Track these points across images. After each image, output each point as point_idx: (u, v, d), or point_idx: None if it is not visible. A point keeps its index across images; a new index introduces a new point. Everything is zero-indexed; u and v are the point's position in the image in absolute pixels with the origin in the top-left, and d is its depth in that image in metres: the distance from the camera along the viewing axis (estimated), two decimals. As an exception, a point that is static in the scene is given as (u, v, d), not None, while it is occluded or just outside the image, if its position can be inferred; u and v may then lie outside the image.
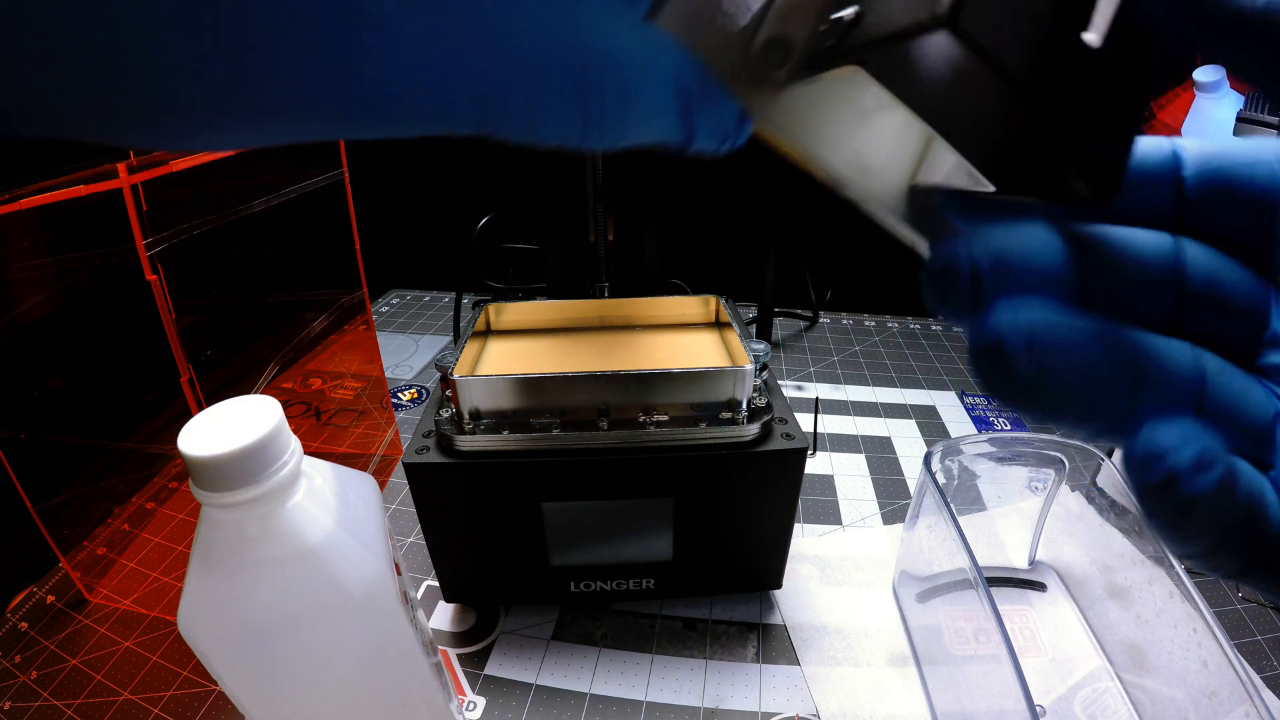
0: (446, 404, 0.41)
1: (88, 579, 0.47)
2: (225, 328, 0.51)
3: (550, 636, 0.45)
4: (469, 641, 0.45)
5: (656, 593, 0.46)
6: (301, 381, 0.66)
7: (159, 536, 0.52)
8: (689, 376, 0.40)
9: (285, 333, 0.52)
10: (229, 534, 0.23)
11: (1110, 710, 0.39)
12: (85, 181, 0.32)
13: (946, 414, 0.73)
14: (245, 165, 0.43)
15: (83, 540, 0.48)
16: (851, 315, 0.99)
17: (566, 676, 0.42)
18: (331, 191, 0.49)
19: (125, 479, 0.53)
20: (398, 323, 0.94)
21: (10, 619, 0.46)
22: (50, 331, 0.49)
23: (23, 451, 0.40)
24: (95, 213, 0.33)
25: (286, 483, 0.23)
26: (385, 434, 0.64)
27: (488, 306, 0.53)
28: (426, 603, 0.48)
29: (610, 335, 0.53)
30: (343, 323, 0.56)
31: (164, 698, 0.40)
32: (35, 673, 0.42)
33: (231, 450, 0.22)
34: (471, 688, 0.42)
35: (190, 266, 0.39)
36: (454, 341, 0.47)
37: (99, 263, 0.39)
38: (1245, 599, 0.49)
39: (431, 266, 1.05)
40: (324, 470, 0.27)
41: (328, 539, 0.24)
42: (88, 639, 0.44)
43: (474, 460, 0.39)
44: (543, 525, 0.42)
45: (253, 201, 0.44)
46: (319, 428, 0.62)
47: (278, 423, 0.23)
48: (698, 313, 0.55)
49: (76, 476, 0.48)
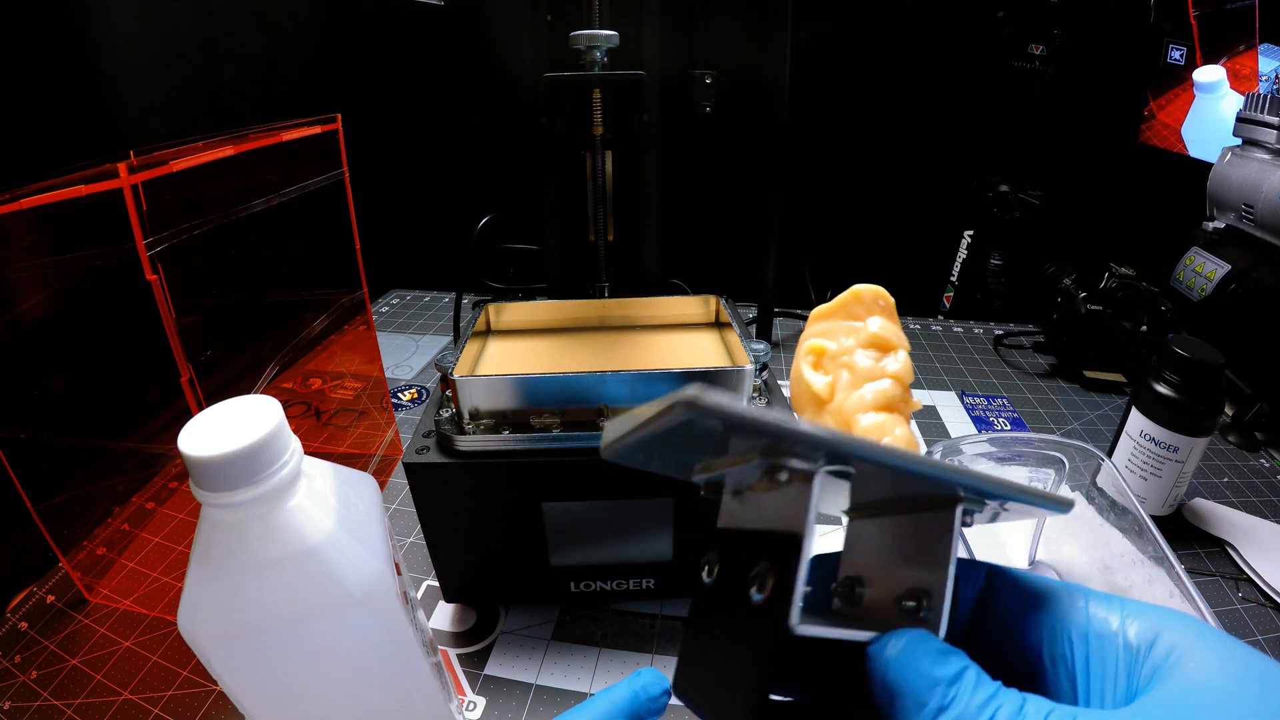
0: (446, 404, 0.41)
1: (88, 579, 0.47)
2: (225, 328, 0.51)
3: (550, 636, 0.45)
4: (469, 641, 0.45)
5: (656, 593, 0.46)
6: (301, 381, 0.66)
7: (159, 536, 0.52)
8: (689, 377, 0.40)
9: (285, 333, 0.52)
10: (229, 534, 0.23)
11: (1110, 710, 0.39)
12: (85, 181, 0.32)
13: (946, 414, 0.73)
14: (245, 165, 0.43)
15: (83, 540, 0.48)
16: (851, 315, 0.99)
17: (566, 676, 0.42)
18: (331, 191, 0.49)
19: (125, 479, 0.53)
20: (398, 323, 0.94)
21: (10, 619, 0.46)
22: (50, 331, 0.49)
23: (23, 451, 0.40)
24: (95, 213, 0.33)
25: (286, 483, 0.23)
26: (385, 434, 0.64)
27: (488, 306, 0.53)
28: (426, 603, 0.48)
29: (610, 335, 0.53)
30: (343, 323, 0.56)
31: (164, 698, 0.40)
32: (35, 673, 0.42)
33: (231, 450, 0.22)
34: (471, 688, 0.42)
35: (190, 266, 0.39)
36: (454, 341, 0.47)
37: (99, 263, 0.39)
38: (1245, 599, 0.49)
39: (431, 266, 1.05)
40: (324, 470, 0.27)
41: (328, 539, 0.24)
42: (88, 639, 0.44)
43: (474, 460, 0.39)
44: (543, 525, 0.42)
45: (253, 201, 0.44)
46: (319, 428, 0.62)
47: (278, 423, 0.23)
48: (698, 313, 0.55)
49: (76, 476, 0.48)
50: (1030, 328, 0.92)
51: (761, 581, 0.17)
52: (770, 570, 0.17)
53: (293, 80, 0.91)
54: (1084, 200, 1.07)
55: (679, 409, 0.14)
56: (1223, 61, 0.89)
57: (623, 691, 0.23)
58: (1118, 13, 1.00)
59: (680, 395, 0.14)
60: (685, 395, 0.14)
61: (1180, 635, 0.16)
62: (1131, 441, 0.54)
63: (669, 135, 0.54)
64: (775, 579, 0.16)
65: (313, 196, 0.48)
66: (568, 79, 0.51)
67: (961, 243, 1.10)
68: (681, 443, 0.17)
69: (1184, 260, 0.80)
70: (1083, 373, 0.79)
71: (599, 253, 0.57)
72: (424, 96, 1.03)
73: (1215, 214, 0.81)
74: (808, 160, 1.07)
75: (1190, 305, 0.77)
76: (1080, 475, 0.46)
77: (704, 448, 0.18)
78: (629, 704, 0.22)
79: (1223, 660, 0.16)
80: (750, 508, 0.19)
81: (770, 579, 0.16)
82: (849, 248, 1.18)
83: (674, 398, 0.14)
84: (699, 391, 0.13)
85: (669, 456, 0.19)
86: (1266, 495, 0.60)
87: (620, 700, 0.22)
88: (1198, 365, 0.50)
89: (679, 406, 0.14)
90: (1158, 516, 0.54)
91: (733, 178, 1.02)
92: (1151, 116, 1.00)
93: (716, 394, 0.14)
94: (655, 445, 0.17)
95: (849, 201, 1.16)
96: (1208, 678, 0.15)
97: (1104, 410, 0.74)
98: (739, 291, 0.61)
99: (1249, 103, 0.77)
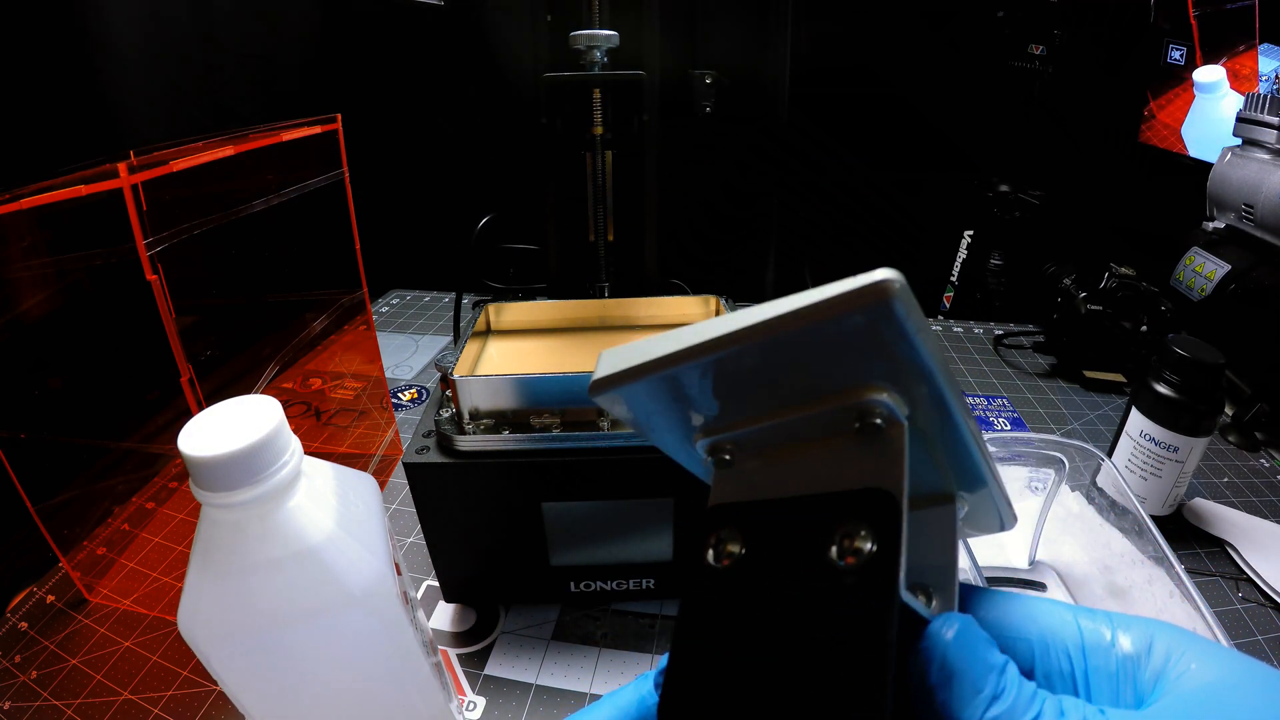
0: (446, 404, 0.41)
1: (88, 579, 0.47)
2: (225, 328, 0.51)
3: (550, 636, 0.45)
4: (469, 641, 0.45)
5: (656, 593, 0.46)
6: (301, 381, 0.66)
7: (159, 536, 0.52)
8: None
9: (285, 333, 0.52)
10: (229, 534, 0.23)
11: (1110, 710, 0.39)
12: (85, 181, 0.32)
13: (946, 414, 0.73)
14: (245, 165, 0.43)
15: (83, 540, 0.48)
16: (851, 315, 0.99)
17: (566, 676, 0.42)
18: (331, 191, 0.49)
19: (125, 479, 0.53)
20: (398, 323, 0.94)
21: (10, 619, 0.46)
22: (50, 331, 0.49)
23: (23, 451, 0.40)
24: (95, 213, 0.33)
25: (286, 483, 0.23)
26: (385, 434, 0.64)
27: (488, 306, 0.53)
28: (426, 603, 0.48)
29: (610, 335, 0.53)
30: (343, 323, 0.56)
31: (164, 698, 0.40)
32: (35, 673, 0.42)
33: (231, 450, 0.22)
34: (471, 688, 0.42)
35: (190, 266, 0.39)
36: (454, 341, 0.47)
37: (99, 263, 0.39)
38: (1245, 599, 0.49)
39: (431, 266, 1.05)
40: (324, 470, 0.27)
41: (328, 539, 0.24)
42: (88, 639, 0.44)
43: (474, 460, 0.39)
44: (543, 525, 0.42)
45: (253, 201, 0.44)
46: (319, 428, 0.62)
47: (278, 423, 0.23)
48: (698, 313, 0.55)
49: (76, 476, 0.48)
50: (1030, 328, 0.92)
51: (852, 543, 0.14)
52: (864, 530, 0.14)
53: (293, 80, 0.91)
54: (1084, 200, 1.07)
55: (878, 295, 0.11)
56: (1223, 61, 0.89)
57: (629, 696, 0.22)
58: (1118, 13, 1.00)
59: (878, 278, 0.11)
60: (885, 277, 0.11)
61: (1173, 641, 0.17)
62: (1131, 441, 0.54)
63: (669, 135, 0.54)
64: (877, 541, 0.14)
65: (313, 196, 0.48)
66: (568, 79, 0.51)
67: (961, 243, 1.10)
68: (753, 370, 0.15)
69: (1184, 260, 0.80)
70: (1083, 373, 0.79)
71: (599, 253, 0.57)
72: (424, 96, 1.03)
73: (1215, 214, 0.81)
74: (808, 160, 1.07)
75: (1190, 305, 0.77)
76: (1080, 475, 0.46)
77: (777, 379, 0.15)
78: (636, 709, 0.21)
79: (1222, 662, 0.16)
80: (788, 467, 0.16)
81: (869, 542, 0.14)
82: (849, 248, 1.18)
83: (864, 281, 0.11)
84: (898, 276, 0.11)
85: (678, 406, 0.17)
86: (1266, 495, 0.60)
87: (627, 705, 0.21)
88: (1198, 365, 0.50)
89: (878, 292, 0.11)
90: (1158, 516, 0.54)
91: (733, 178, 1.02)
92: (1151, 116, 1.00)
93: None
94: (697, 379, 0.15)
95: (849, 201, 1.16)
96: (1219, 676, 0.16)
97: (1104, 410, 0.74)
98: (739, 291, 0.61)
99: (1249, 103, 0.77)
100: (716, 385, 0.15)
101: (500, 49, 0.94)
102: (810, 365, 0.15)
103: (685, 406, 0.17)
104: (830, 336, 0.13)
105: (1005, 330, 0.93)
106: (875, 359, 0.14)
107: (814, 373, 0.15)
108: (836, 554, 0.14)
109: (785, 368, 0.15)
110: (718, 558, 0.16)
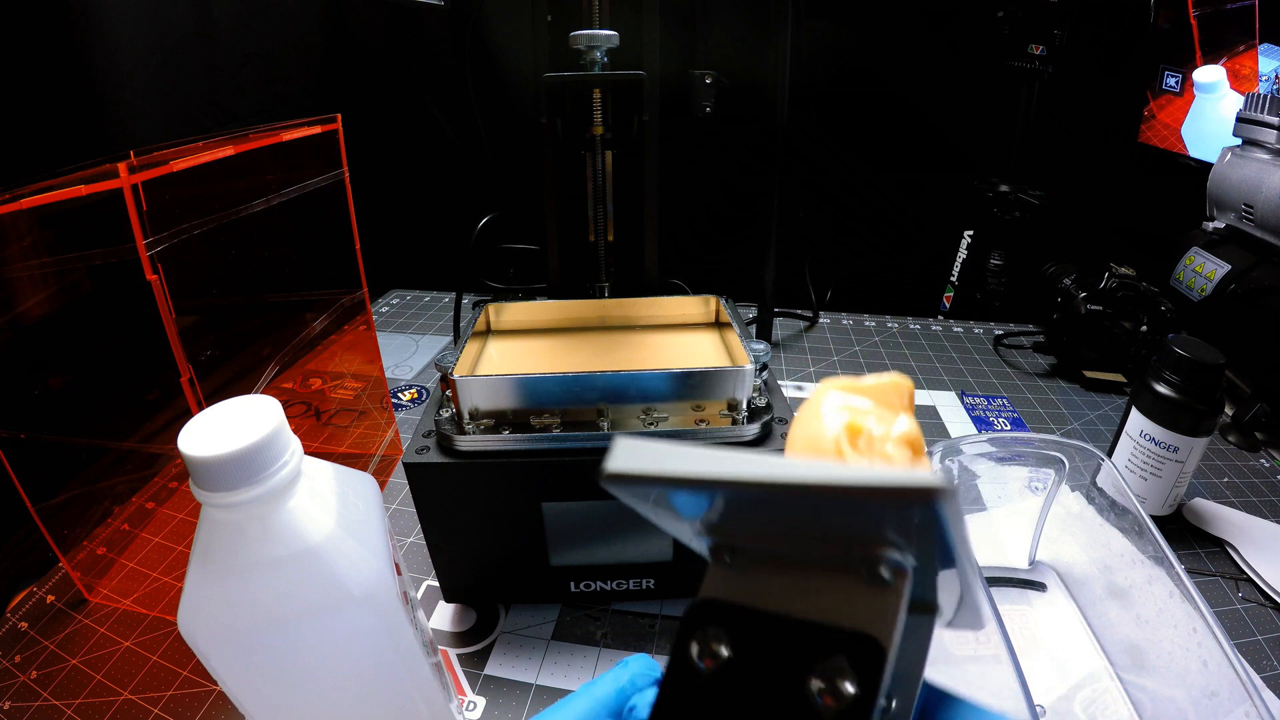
0: (446, 404, 0.41)
1: (88, 579, 0.47)
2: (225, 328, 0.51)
3: (550, 636, 0.45)
4: (469, 641, 0.45)
5: (656, 593, 0.46)
6: (301, 381, 0.66)
7: (159, 536, 0.52)
8: (689, 377, 0.40)
9: (285, 333, 0.52)
10: (229, 534, 0.23)
11: (1110, 710, 0.39)
12: (85, 181, 0.32)
13: (946, 414, 0.73)
14: (245, 165, 0.43)
15: (83, 540, 0.48)
16: (851, 315, 0.99)
17: (566, 676, 0.42)
18: (331, 191, 0.49)
19: (125, 479, 0.53)
20: (398, 323, 0.94)
21: (10, 619, 0.46)
22: (50, 331, 0.49)
23: (23, 451, 0.40)
24: (95, 213, 0.33)
25: (286, 483, 0.23)
26: (385, 434, 0.64)
27: (488, 306, 0.53)
28: (426, 603, 0.48)
29: (610, 335, 0.53)
30: (343, 323, 0.56)
31: (164, 698, 0.40)
32: (35, 672, 0.42)
33: (231, 450, 0.22)
34: (471, 688, 0.42)
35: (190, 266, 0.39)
36: (454, 341, 0.47)
37: (99, 263, 0.39)
38: (1245, 599, 0.49)
39: (431, 266, 1.05)
40: (324, 470, 0.27)
41: (328, 539, 0.24)
42: (88, 639, 0.44)
43: (474, 460, 0.39)
44: (543, 525, 0.42)
45: (253, 201, 0.44)
46: (319, 428, 0.62)
47: (278, 423, 0.23)
48: (698, 313, 0.55)
49: (76, 476, 0.48)
50: (1030, 328, 0.92)
51: (833, 683, 0.14)
52: (848, 671, 0.14)
53: (293, 80, 0.91)
54: (1084, 200, 1.07)
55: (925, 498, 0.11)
56: (1223, 61, 0.89)
57: (607, 686, 0.20)
58: (1118, 13, 1.00)
59: (934, 480, 0.11)
60: (939, 482, 0.11)
61: None
62: (1131, 441, 0.54)
63: (669, 135, 0.54)
64: (859, 685, 0.14)
65: (313, 196, 0.48)
66: (568, 79, 0.51)
67: (961, 243, 1.10)
68: (773, 507, 0.15)
69: (1184, 260, 0.81)
70: (1083, 373, 0.79)
71: (599, 253, 0.57)
72: (424, 97, 1.03)
73: (1215, 214, 0.81)
74: (808, 160, 1.07)
75: (1190, 305, 0.77)
76: (1080, 475, 0.46)
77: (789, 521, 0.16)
78: (615, 699, 0.20)
79: None
80: (788, 586, 0.16)
81: (851, 684, 0.14)
82: (849, 248, 1.18)
83: (924, 480, 0.11)
84: (950, 483, 0.11)
85: (689, 510, 0.17)
86: (1266, 495, 0.60)
87: (605, 696, 0.20)
88: (1198, 365, 0.50)
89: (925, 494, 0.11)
90: (1158, 516, 0.54)
91: (733, 178, 1.02)
92: (1151, 116, 1.00)
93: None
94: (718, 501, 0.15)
95: (849, 201, 1.16)
96: None
97: (1104, 410, 0.74)
98: (739, 291, 0.61)
99: (1249, 103, 0.77)
100: (731, 508, 0.16)
101: (500, 49, 0.95)
102: (833, 520, 0.15)
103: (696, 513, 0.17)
104: (863, 509, 0.14)
105: (1005, 330, 0.93)
106: (900, 532, 0.14)
107: (835, 525, 0.15)
108: (818, 689, 0.14)
109: (807, 515, 0.15)
110: (701, 655, 0.16)
